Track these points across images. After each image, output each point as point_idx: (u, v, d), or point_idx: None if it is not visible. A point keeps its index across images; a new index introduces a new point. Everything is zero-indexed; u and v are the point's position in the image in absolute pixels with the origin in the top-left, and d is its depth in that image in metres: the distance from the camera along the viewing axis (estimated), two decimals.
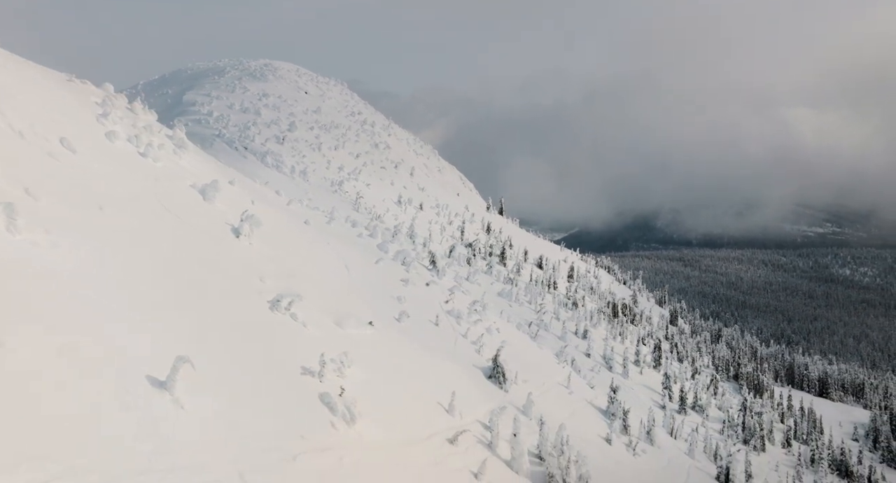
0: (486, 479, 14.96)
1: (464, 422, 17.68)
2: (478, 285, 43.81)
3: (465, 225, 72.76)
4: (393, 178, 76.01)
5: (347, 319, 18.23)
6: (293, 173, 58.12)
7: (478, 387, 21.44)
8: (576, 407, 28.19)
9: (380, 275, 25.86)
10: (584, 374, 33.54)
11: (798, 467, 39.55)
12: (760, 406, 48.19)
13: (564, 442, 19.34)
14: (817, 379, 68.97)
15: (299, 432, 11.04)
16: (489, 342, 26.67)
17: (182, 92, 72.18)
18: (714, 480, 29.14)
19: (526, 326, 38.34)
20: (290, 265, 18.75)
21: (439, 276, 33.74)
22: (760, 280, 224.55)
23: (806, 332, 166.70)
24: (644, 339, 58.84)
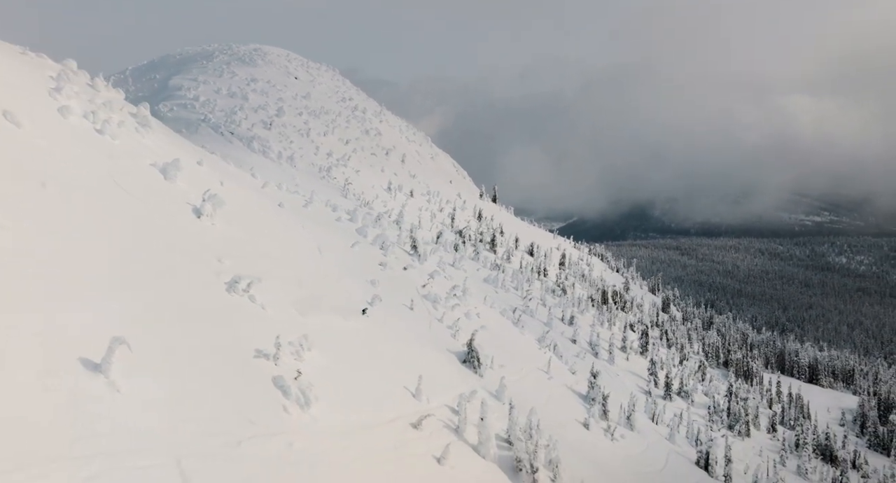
0: (449, 463, 14.68)
1: (431, 406, 17.39)
2: (463, 271, 43.50)
3: (455, 212, 72.34)
4: (383, 165, 75.43)
5: (313, 302, 17.91)
6: (280, 159, 57.59)
7: (450, 371, 21.19)
8: (554, 392, 28.01)
9: (355, 258, 25.52)
10: (566, 360, 33.36)
11: (782, 452, 39.55)
12: (746, 392, 48.18)
13: (535, 426, 19.12)
14: (807, 365, 69.05)
15: (248, 417, 10.70)
16: (466, 327, 26.40)
17: (169, 77, 71.36)
18: (694, 465, 29.04)
19: (510, 312, 38.10)
20: (255, 247, 18.39)
21: (420, 261, 33.41)
22: (757, 268, 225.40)
23: (800, 320, 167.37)
24: (633, 326, 58.72)
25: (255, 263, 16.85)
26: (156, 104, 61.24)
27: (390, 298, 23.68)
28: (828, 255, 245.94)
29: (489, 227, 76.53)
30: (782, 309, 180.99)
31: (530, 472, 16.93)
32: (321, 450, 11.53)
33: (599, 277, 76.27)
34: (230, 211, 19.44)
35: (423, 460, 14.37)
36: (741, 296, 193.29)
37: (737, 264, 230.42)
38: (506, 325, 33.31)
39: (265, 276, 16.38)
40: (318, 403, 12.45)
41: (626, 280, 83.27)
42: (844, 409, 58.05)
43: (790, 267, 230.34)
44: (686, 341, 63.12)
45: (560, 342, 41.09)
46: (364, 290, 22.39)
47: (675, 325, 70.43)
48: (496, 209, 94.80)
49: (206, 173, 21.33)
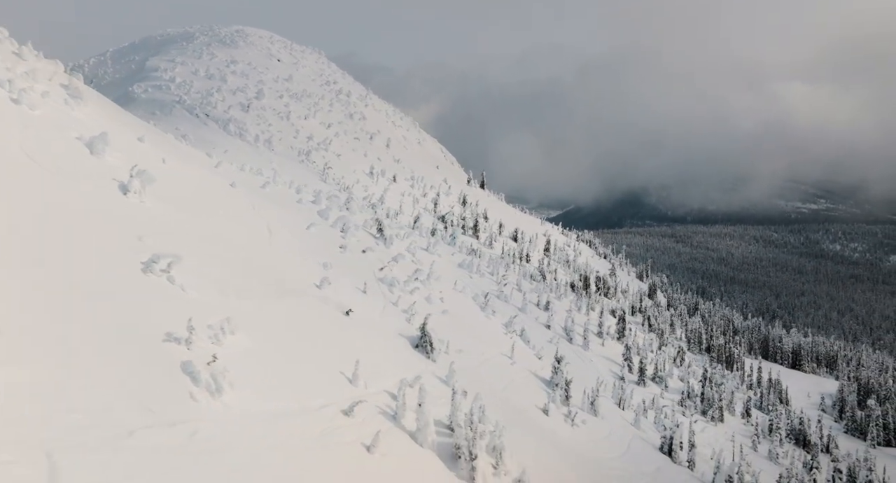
0: (379, 451, 14.09)
1: (368, 392, 16.86)
2: (437, 256, 42.95)
3: (439, 197, 71.69)
4: (367, 150, 74.54)
5: (248, 284, 17.37)
6: (257, 142, 56.73)
7: (399, 356, 20.69)
8: (516, 377, 27.59)
9: (310, 240, 24.92)
10: (534, 345, 32.94)
11: (755, 437, 39.39)
12: (721, 377, 47.97)
13: (479, 412, 18.63)
14: (791, 351, 68.96)
15: (145, 405, 10.08)
16: (425, 311, 25.89)
17: (148, 58, 70.15)
18: (657, 450, 28.75)
19: (481, 297, 37.61)
20: (188, 226, 17.78)
21: (387, 245, 32.84)
22: (751, 256, 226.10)
23: (791, 307, 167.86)
24: (614, 312, 58.42)
25: (183, 243, 16.24)
26: (131, 85, 60.22)
27: (343, 281, 23.13)
28: (822, 243, 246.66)
29: (473, 212, 75.92)
30: (774, 296, 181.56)
31: (468, 460, 16.46)
32: (230, 439, 10.90)
33: (585, 264, 75.87)
34: (166, 189, 18.79)
35: (352, 448, 13.82)
36: (734, 283, 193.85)
37: (731, 251, 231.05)
38: (473, 310, 32.85)
39: (192, 256, 15.79)
40: (234, 390, 11.87)
41: (613, 266, 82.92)
42: (825, 394, 58.00)
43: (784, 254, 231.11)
44: (668, 327, 62.87)
45: (533, 328, 40.70)
46: (313, 272, 21.84)
47: (659, 311, 70.16)
48: (483, 195, 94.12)
49: (146, 150, 20.65)
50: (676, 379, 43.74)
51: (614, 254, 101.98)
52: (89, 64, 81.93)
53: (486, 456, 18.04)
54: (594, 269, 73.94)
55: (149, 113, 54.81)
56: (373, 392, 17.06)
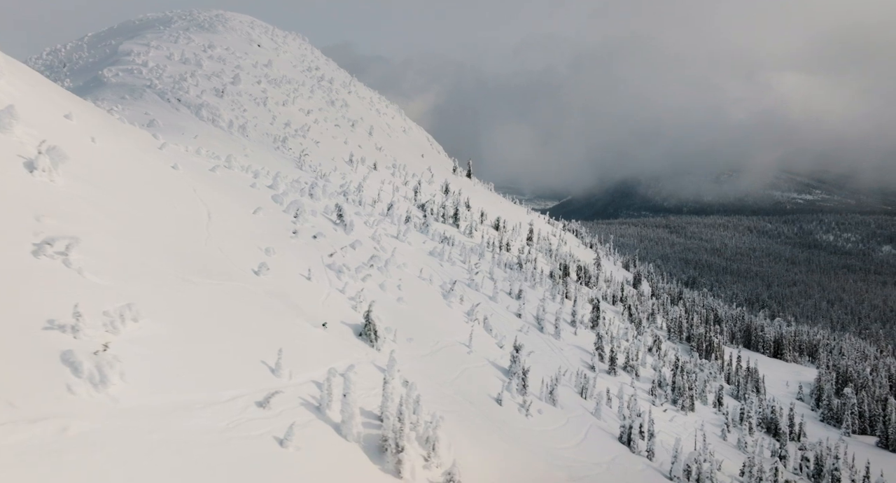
0: (293, 445, 13.32)
1: (293, 382, 16.16)
2: (408, 244, 42.29)
3: (421, 185, 70.81)
4: (347, 137, 73.49)
5: (168, 268, 16.62)
6: (231, 128, 55.67)
7: (338, 345, 19.99)
8: (471, 366, 26.99)
9: (255, 225, 24.16)
10: (497, 334, 32.34)
11: (725, 426, 39.02)
12: (695, 366, 47.49)
13: (416, 402, 17.98)
14: (773, 340, 68.62)
15: (8, 399, 9.33)
16: (376, 299, 25.22)
17: (123, 42, 68.79)
18: (616, 440, 28.25)
19: (448, 285, 36.95)
20: (104, 207, 16.99)
21: (347, 231, 32.08)
22: (745, 246, 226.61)
23: (781, 297, 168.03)
24: (594, 301, 57.87)
25: (92, 225, 15.47)
26: (101, 69, 59.03)
27: (284, 267, 22.42)
28: (815, 233, 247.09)
29: (455, 201, 75.13)
30: (766, 285, 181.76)
31: (395, 452, 15.80)
32: (109, 435, 10.09)
33: (568, 253, 75.24)
34: (87, 168, 18.01)
35: (261, 442, 13.04)
36: (726, 273, 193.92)
37: (725, 242, 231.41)
38: (434, 298, 32.19)
39: (100, 238, 15.04)
40: (124, 381, 11.04)
41: (598, 256, 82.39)
42: (804, 382, 57.72)
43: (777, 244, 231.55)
44: (648, 316, 62.41)
45: (502, 316, 40.11)
46: (251, 258, 21.09)
47: (641, 300, 69.69)
48: (469, 184, 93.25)
49: (72, 127, 19.80)
50: (650, 368, 43.27)
51: (602, 244, 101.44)
52: (66, 49, 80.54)
53: (419, 448, 17.43)
54: (578, 259, 73.36)
55: (118, 97, 53.71)
56: (298, 382, 16.36)
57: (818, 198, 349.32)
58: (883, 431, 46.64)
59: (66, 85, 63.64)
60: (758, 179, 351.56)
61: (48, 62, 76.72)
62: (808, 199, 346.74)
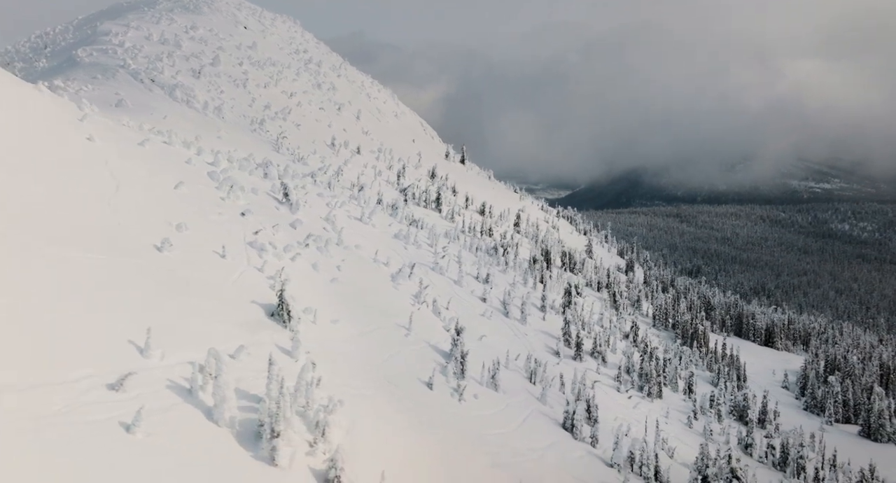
0: (142, 431, 12.37)
1: (164, 363, 15.34)
2: (372, 227, 41.41)
3: (405, 170, 69.82)
4: (332, 121, 72.53)
5: (35, 239, 15.86)
6: (206, 109, 54.97)
7: (237, 324, 19.10)
8: (407, 349, 26.11)
9: (174, 200, 23.36)
10: (445, 317, 31.38)
11: (692, 413, 37.90)
12: (674, 352, 46.19)
13: (310, 385, 17.13)
14: (763, 328, 67.01)
15: None
16: (302, 279, 24.41)
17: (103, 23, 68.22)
18: (558, 426, 27.28)
19: (407, 268, 36.02)
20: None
21: (293, 210, 31.23)
22: (756, 235, 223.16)
23: (789, 286, 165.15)
24: (577, 287, 56.69)
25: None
26: (76, 49, 58.53)
27: (197, 244, 21.62)
28: (830, 222, 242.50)
29: (444, 186, 74.07)
30: (775, 275, 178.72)
31: (270, 438, 14.92)
32: None
33: (558, 239, 73.96)
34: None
35: (103, 428, 12.07)
36: (735, 262, 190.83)
37: (736, 231, 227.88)
38: (380, 280, 31.27)
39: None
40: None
41: (590, 242, 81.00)
42: (791, 371, 56.22)
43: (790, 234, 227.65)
44: (632, 303, 61.12)
45: (465, 300, 39.15)
46: (156, 233, 20.26)
47: (631, 287, 68.31)
48: (462, 170, 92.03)
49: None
50: (620, 354, 42.16)
51: (598, 231, 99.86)
52: (55, 31, 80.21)
53: (307, 433, 16.58)
54: (564, 245, 72.05)
55: (90, 77, 53.18)
56: (171, 364, 15.50)
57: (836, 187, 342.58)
58: (865, 420, 45.22)
59: (41, 66, 63.32)
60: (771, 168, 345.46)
61: (35, 44, 76.52)
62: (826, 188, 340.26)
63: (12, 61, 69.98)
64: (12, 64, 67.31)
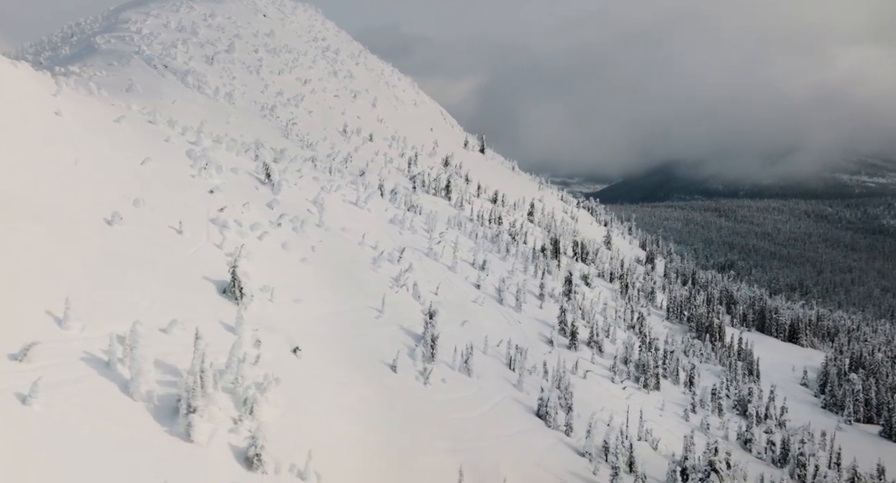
0: (40, 403, 12.04)
1: (84, 335, 15.15)
2: (367, 211, 41.05)
3: (417, 158, 69.44)
4: (346, 108, 72.55)
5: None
6: (216, 95, 55.53)
7: (181, 300, 18.88)
8: (376, 331, 25.64)
9: (136, 177, 23.33)
10: (426, 301, 30.76)
11: (691, 406, 36.43)
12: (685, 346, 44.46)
13: (241, 362, 16.76)
14: (788, 324, 64.20)
15: None
16: (269, 258, 24.18)
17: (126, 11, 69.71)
18: (531, 413, 26.41)
19: (397, 252, 35.55)
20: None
21: (274, 191, 31.03)
22: (800, 231, 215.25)
23: (831, 284, 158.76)
24: (587, 277, 55.35)
25: None
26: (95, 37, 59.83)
27: (153, 219, 21.55)
28: (882, 218, 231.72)
29: (456, 174, 73.39)
30: (817, 272, 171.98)
31: (186, 413, 14.61)
32: None
33: (574, 230, 72.53)
34: None
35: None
36: (774, 258, 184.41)
37: (778, 227, 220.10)
38: (359, 262, 30.82)
39: None
40: None
41: (608, 234, 79.22)
42: (811, 368, 53.66)
43: (837, 230, 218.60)
44: (646, 295, 59.35)
45: (458, 286, 38.46)
46: (110, 207, 20.17)
47: (647, 279, 66.42)
48: (481, 159, 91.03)
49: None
50: (620, 345, 40.78)
51: (623, 223, 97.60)
52: (86, 21, 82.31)
53: (233, 410, 16.25)
54: (583, 236, 70.52)
55: (105, 63, 54.29)
56: (92, 336, 15.29)
57: (892, 181, 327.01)
58: (887, 420, 42.73)
59: (64, 53, 65.02)
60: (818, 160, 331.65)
61: (65, 34, 78.67)
62: (881, 183, 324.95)
63: (43, 50, 72.04)
64: (43, 53, 69.36)
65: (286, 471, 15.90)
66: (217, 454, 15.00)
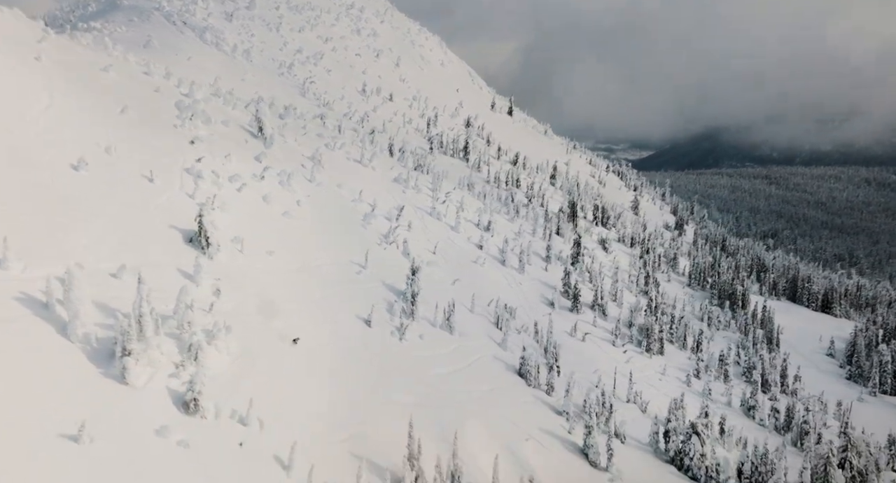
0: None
1: (24, 275, 15.42)
2: (371, 169, 40.57)
3: (437, 118, 68.22)
4: (367, 67, 71.49)
5: None
6: (234, 52, 55.37)
7: (139, 246, 18.88)
8: (354, 286, 25.47)
9: (112, 124, 23.34)
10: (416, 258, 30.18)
11: (695, 371, 35.27)
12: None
13: (187, 308, 16.74)
14: (821, 293, 61.26)
15: None
16: (242, 208, 24.03)
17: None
18: (511, 371, 25.90)
19: (396, 210, 35.11)
20: None
21: (267, 145, 30.81)
22: (857, 200, 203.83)
23: (885, 255, 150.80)
24: (606, 242, 53.88)
25: None
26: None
27: (122, 166, 21.60)
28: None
29: (478, 135, 71.98)
30: (872, 242, 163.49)
31: (121, 356, 14.69)
32: None
33: (598, 194, 70.44)
34: None
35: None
36: (825, 228, 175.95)
37: (833, 195, 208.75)
38: (348, 218, 30.50)
39: None
40: None
41: (636, 198, 76.81)
42: (841, 338, 51.18)
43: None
44: (668, 261, 57.47)
45: (459, 246, 37.87)
46: (75, 151, 20.21)
47: (673, 244, 64.28)
48: (507, 121, 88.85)
49: None
50: (626, 309, 39.62)
51: (656, 188, 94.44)
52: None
53: (177, 355, 16.28)
54: (609, 200, 68.51)
55: (126, 19, 54.79)
56: (32, 277, 15.47)
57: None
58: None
59: (90, 9, 65.87)
60: (881, 125, 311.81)
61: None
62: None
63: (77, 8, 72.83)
64: (76, 10, 70.25)
65: (227, 416, 15.95)
66: (153, 397, 15.10)
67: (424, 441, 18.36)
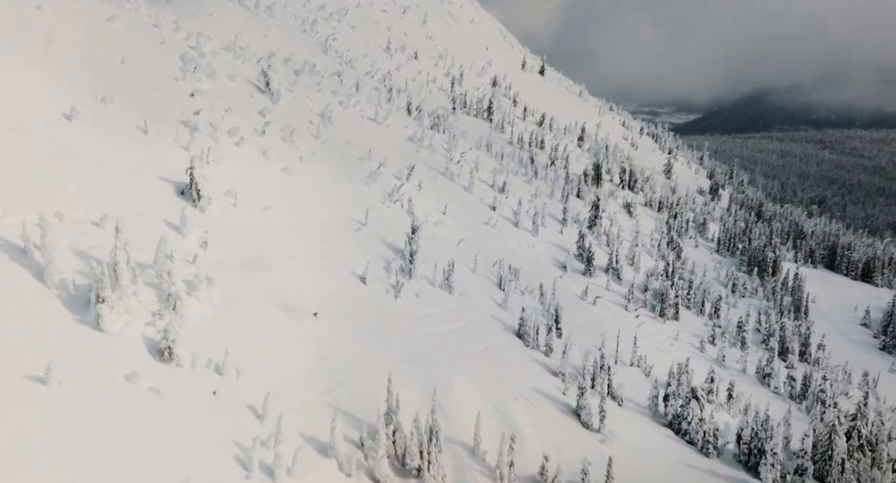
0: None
1: (3, 222, 15.61)
2: (386, 128, 40.04)
3: (462, 77, 66.78)
4: (393, 24, 70.11)
5: None
6: (257, 8, 54.85)
7: (122, 195, 19.01)
8: (352, 244, 25.28)
9: (110, 75, 23.35)
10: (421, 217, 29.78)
11: (710, 338, 34.25)
12: (727, 278, 41.36)
13: (167, 258, 16.80)
14: (862, 261, 58.41)
15: None
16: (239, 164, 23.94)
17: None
18: (510, 332, 25.53)
19: (406, 170, 34.64)
20: None
21: (273, 100, 30.54)
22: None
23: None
24: (631, 206, 52.36)
25: None
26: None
27: (115, 118, 21.62)
28: None
29: (504, 95, 70.26)
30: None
31: (95, 303, 14.92)
32: None
33: (628, 157, 68.19)
34: None
35: None
36: (881, 195, 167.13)
37: (894, 160, 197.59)
38: (352, 176, 30.17)
39: None
40: None
41: (669, 162, 74.13)
42: (878, 308, 48.95)
43: None
44: (696, 226, 55.60)
45: (472, 207, 37.33)
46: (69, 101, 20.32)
47: (704, 209, 62.12)
48: (537, 81, 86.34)
49: None
50: (642, 273, 38.52)
51: (692, 151, 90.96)
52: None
53: (156, 304, 16.45)
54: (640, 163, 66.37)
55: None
56: (11, 222, 15.71)
57: None
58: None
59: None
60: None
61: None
62: None
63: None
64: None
65: (202, 365, 16.14)
66: (127, 344, 15.34)
67: (411, 397, 18.31)
